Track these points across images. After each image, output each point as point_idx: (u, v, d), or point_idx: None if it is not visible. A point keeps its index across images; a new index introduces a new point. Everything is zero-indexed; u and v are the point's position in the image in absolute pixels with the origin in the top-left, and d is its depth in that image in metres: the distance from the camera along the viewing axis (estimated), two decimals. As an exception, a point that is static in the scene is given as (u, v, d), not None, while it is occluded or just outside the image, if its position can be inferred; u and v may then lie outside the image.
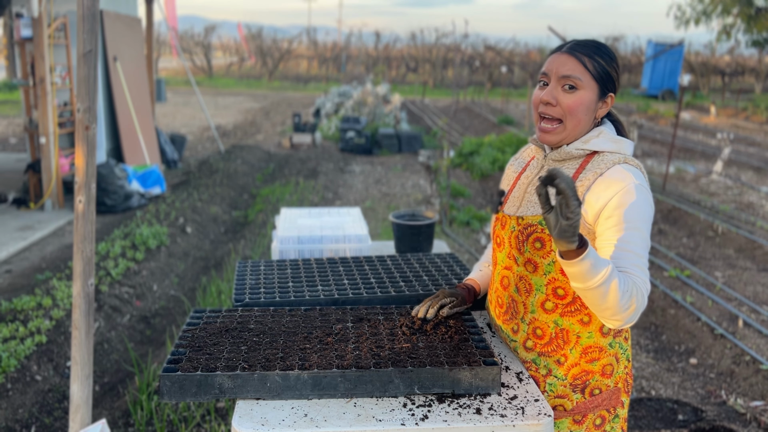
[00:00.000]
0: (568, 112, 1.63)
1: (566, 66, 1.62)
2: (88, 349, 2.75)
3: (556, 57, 1.65)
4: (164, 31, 30.09)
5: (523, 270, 1.70)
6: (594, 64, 1.62)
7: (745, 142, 14.81)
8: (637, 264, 1.52)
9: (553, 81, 1.64)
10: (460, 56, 28.20)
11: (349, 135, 12.69)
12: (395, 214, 2.85)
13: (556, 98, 1.63)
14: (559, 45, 1.71)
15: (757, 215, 8.24)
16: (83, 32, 2.61)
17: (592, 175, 1.61)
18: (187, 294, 5.55)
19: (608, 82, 1.64)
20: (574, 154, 1.66)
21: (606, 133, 1.67)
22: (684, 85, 9.14)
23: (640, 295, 1.49)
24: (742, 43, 28.83)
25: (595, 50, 1.64)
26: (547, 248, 1.64)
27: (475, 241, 6.93)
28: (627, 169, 1.59)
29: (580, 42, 1.67)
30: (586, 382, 1.69)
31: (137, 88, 9.27)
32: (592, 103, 1.64)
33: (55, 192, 7.34)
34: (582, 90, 1.62)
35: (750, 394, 4.02)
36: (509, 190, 1.82)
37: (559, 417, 1.69)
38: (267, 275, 2.28)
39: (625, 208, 1.54)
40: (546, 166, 1.72)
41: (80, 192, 2.68)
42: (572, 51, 1.64)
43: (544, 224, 1.63)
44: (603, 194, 1.57)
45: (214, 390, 1.58)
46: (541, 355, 1.70)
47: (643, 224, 1.55)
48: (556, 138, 1.67)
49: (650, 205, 1.58)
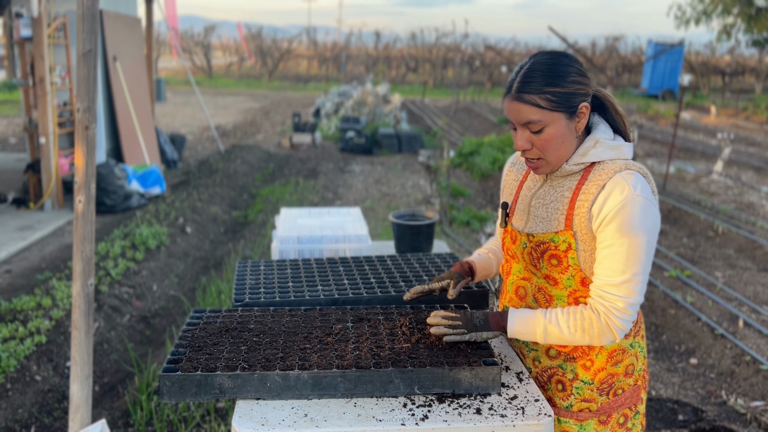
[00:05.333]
0: (543, 150, 1.60)
1: (521, 114, 1.57)
2: (88, 349, 2.74)
3: (509, 104, 1.59)
4: (164, 31, 30.08)
5: (543, 282, 1.70)
6: (547, 97, 1.54)
7: (746, 142, 14.81)
8: (605, 283, 1.57)
9: (519, 128, 1.60)
10: (460, 56, 28.19)
11: (349, 135, 12.69)
12: (395, 214, 2.85)
13: (528, 141, 1.60)
14: (509, 81, 1.61)
15: (757, 215, 8.24)
16: (83, 32, 2.61)
17: (594, 187, 1.58)
18: (187, 294, 5.55)
19: (572, 100, 1.56)
20: (574, 170, 1.64)
21: (602, 142, 1.62)
22: (684, 85, 9.14)
23: (594, 322, 1.58)
24: (742, 42, 28.81)
25: (544, 79, 1.54)
26: (564, 264, 1.64)
27: (475, 241, 6.93)
28: (627, 178, 1.55)
29: (527, 75, 1.56)
30: (612, 384, 1.69)
31: (137, 88, 9.27)
32: (565, 129, 1.59)
33: (54, 192, 7.34)
34: (548, 126, 1.57)
35: (750, 394, 4.02)
36: (513, 201, 1.80)
37: (585, 419, 1.70)
38: (267, 275, 2.28)
39: (618, 224, 1.53)
40: (549, 181, 1.70)
41: (80, 192, 2.68)
42: (519, 95, 1.56)
43: (556, 240, 1.63)
44: (604, 208, 1.55)
45: (214, 390, 1.58)
46: (567, 360, 1.70)
47: (635, 238, 1.53)
48: (546, 170, 1.66)
49: (651, 215, 1.54)
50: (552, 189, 1.68)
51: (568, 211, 1.62)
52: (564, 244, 1.62)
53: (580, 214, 1.60)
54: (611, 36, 36.89)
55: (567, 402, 1.70)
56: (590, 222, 1.58)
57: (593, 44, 36.79)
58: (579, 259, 1.62)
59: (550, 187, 1.69)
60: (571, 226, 1.61)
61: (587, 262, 1.62)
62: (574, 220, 1.61)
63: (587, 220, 1.59)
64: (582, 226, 1.60)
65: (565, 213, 1.63)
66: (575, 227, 1.61)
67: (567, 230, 1.62)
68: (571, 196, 1.63)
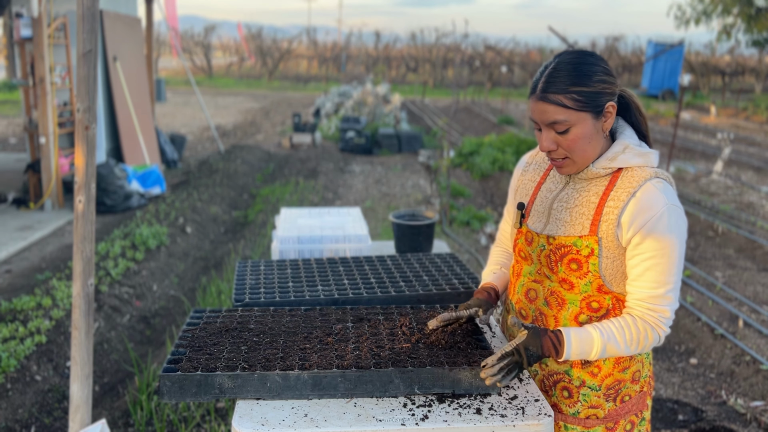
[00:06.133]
0: (570, 150, 1.58)
1: (546, 114, 1.54)
2: (88, 349, 2.74)
3: (534, 105, 1.56)
4: (164, 31, 30.09)
5: (557, 286, 1.66)
6: (573, 97, 1.52)
7: (746, 142, 14.81)
8: (650, 296, 1.56)
9: (544, 128, 1.58)
10: (460, 56, 28.20)
11: (349, 135, 12.69)
12: (395, 214, 2.85)
13: (553, 142, 1.58)
14: (534, 82, 1.59)
15: (757, 215, 8.24)
16: (83, 32, 2.61)
17: (624, 194, 1.56)
18: (187, 294, 5.55)
19: (598, 99, 1.54)
20: (601, 173, 1.61)
21: (631, 148, 1.60)
22: (684, 85, 9.13)
23: (649, 333, 1.58)
24: (742, 43, 28.80)
25: (569, 78, 1.52)
26: (584, 269, 1.61)
27: (475, 241, 6.93)
28: (659, 187, 1.54)
29: (552, 74, 1.54)
30: (619, 390, 1.68)
31: (137, 88, 9.27)
32: (592, 129, 1.56)
33: (54, 192, 7.34)
34: (574, 126, 1.54)
35: (750, 394, 4.02)
36: (529, 202, 1.76)
37: (593, 426, 1.68)
38: (267, 275, 2.28)
39: (657, 236, 1.52)
40: (572, 183, 1.67)
41: (80, 192, 2.68)
42: (545, 95, 1.53)
43: (579, 245, 1.60)
44: (637, 219, 1.53)
45: (214, 390, 1.58)
46: (574, 366, 1.67)
47: (674, 248, 1.54)
48: (572, 170, 1.63)
49: (683, 222, 1.56)
50: (576, 192, 1.65)
51: (594, 216, 1.59)
52: (586, 249, 1.59)
53: (608, 221, 1.57)
54: (611, 36, 36.95)
55: (574, 409, 1.69)
56: (618, 229, 1.56)
57: (593, 44, 36.79)
58: (600, 265, 1.59)
59: (574, 190, 1.66)
60: (596, 231, 1.58)
61: (608, 269, 1.59)
62: (601, 226, 1.58)
63: (615, 227, 1.56)
64: (609, 233, 1.57)
65: (590, 218, 1.60)
66: (601, 233, 1.58)
67: (591, 235, 1.59)
68: (598, 201, 1.60)
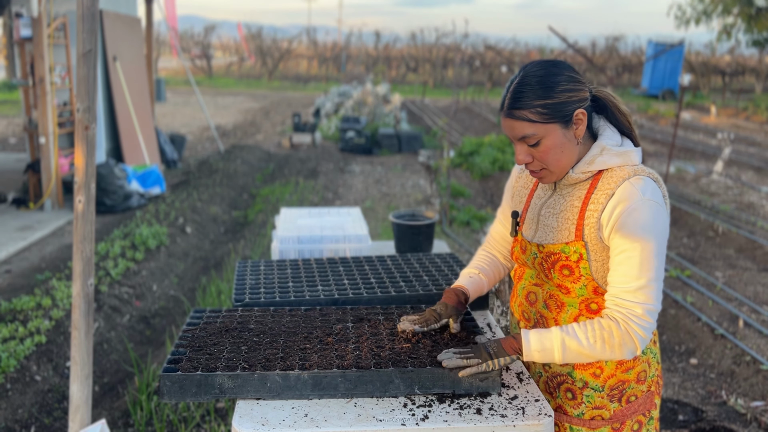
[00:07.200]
0: (544, 161, 1.59)
1: (515, 130, 1.57)
2: (88, 349, 2.74)
3: (504, 121, 1.59)
4: (164, 31, 30.08)
5: (555, 290, 1.68)
6: (537, 111, 1.53)
7: (746, 142, 14.81)
8: (620, 290, 1.53)
9: (516, 143, 1.60)
10: (460, 56, 28.19)
11: (349, 135, 12.69)
12: (395, 214, 2.85)
13: (528, 155, 1.60)
14: (501, 99, 1.60)
15: (757, 215, 8.24)
16: (83, 32, 2.61)
17: (604, 197, 1.57)
18: (187, 294, 5.55)
19: (564, 109, 1.54)
20: (581, 178, 1.62)
21: (608, 149, 1.60)
22: (684, 85, 9.13)
23: (614, 330, 1.53)
24: (742, 42, 28.79)
25: (533, 93, 1.53)
26: (576, 274, 1.61)
27: (475, 241, 6.93)
28: (635, 184, 1.54)
29: (516, 90, 1.55)
30: (623, 390, 1.67)
31: (137, 88, 9.26)
32: (562, 138, 1.57)
33: (54, 192, 7.34)
34: (544, 138, 1.56)
35: (750, 394, 4.02)
36: (523, 210, 1.78)
37: (598, 426, 1.67)
38: (267, 275, 2.28)
39: (629, 229, 1.51)
40: (558, 189, 1.69)
41: (80, 192, 2.68)
42: (510, 112, 1.55)
43: (567, 251, 1.61)
44: (612, 215, 1.54)
45: (214, 390, 1.58)
46: (576, 368, 1.67)
47: (647, 242, 1.51)
48: (551, 179, 1.65)
49: (661, 219, 1.53)
50: (561, 198, 1.66)
51: (578, 221, 1.60)
52: (575, 255, 1.60)
53: (590, 225, 1.58)
54: (611, 36, 36.92)
55: (578, 410, 1.68)
56: (600, 231, 1.56)
57: (593, 44, 36.80)
58: (591, 269, 1.60)
59: (560, 196, 1.67)
60: (581, 236, 1.59)
61: (599, 272, 1.60)
62: (585, 231, 1.59)
63: (597, 230, 1.57)
64: (592, 236, 1.58)
65: (575, 223, 1.61)
66: (586, 237, 1.59)
67: (578, 240, 1.59)
68: (580, 205, 1.61)
